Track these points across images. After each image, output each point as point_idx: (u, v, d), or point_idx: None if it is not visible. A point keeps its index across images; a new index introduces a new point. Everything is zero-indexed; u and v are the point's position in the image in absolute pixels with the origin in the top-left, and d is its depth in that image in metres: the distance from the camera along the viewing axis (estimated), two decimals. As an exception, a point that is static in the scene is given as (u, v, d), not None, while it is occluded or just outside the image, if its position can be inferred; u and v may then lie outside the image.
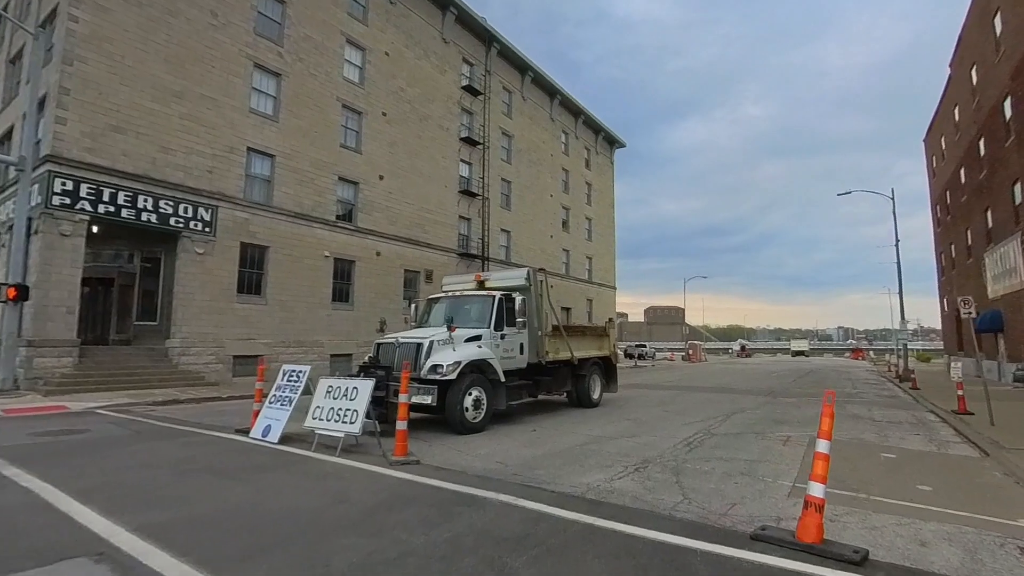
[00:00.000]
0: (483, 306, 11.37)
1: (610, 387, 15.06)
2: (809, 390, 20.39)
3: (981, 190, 25.35)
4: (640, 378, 26.77)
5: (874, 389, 21.62)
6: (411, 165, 27.94)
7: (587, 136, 45.39)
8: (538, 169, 38.59)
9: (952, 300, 33.22)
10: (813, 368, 38.88)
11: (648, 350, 58.43)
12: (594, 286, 45.25)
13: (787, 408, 14.55)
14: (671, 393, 18.44)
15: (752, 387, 21.27)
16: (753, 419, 12.36)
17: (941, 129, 33.08)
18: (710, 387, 21.14)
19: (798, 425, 11.63)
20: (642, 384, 22.48)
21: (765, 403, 15.64)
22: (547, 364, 12.27)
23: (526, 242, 36.50)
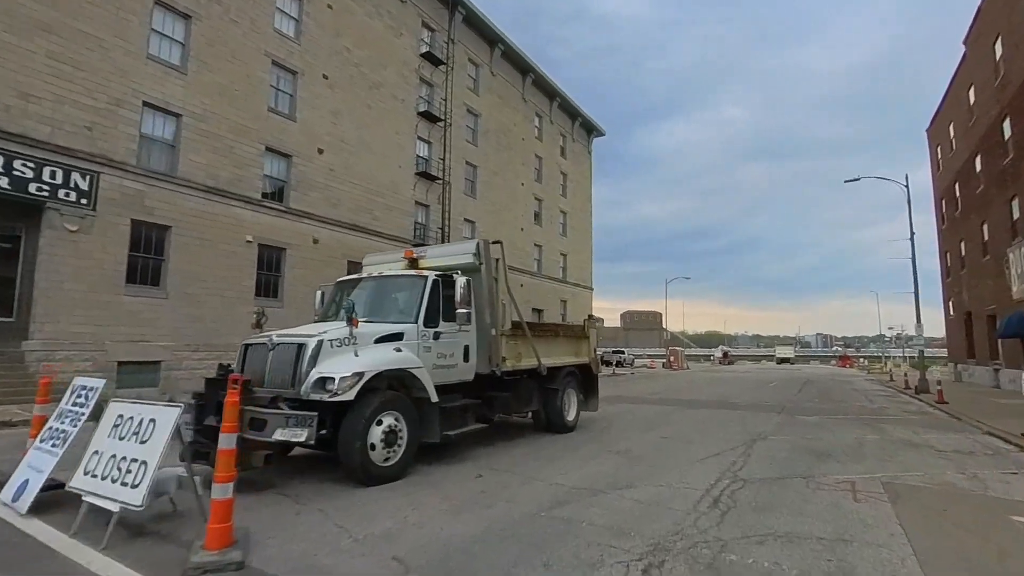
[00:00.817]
0: (410, 292, 8.14)
1: (589, 404, 11.96)
2: (822, 404, 17.65)
3: (1004, 177, 23.09)
4: (620, 389, 23.79)
5: (894, 403, 19.02)
6: (358, 139, 24.56)
7: (563, 121, 42.52)
8: (508, 154, 35.51)
9: (960, 303, 31.15)
10: (808, 377, 36.56)
11: (626, 357, 55.78)
12: (569, 286, 42.30)
13: (814, 431, 11.64)
14: (663, 410, 15.42)
15: (755, 400, 18.44)
16: (784, 450, 9.36)
17: (950, 116, 31.04)
18: (706, 401, 18.23)
19: (849, 459, 8.67)
20: (625, 397, 19.46)
21: (783, 423, 12.72)
22: (505, 375, 9.10)
23: (493, 234, 33.20)
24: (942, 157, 33.39)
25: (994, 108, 23.88)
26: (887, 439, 10.92)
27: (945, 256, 33.21)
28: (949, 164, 31.64)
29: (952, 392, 22.28)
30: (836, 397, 20.81)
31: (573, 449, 9.10)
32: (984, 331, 26.96)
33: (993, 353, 26.30)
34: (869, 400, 19.96)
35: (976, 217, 27.17)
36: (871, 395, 22.59)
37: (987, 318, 26.59)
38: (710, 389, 24.30)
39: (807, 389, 25.14)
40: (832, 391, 24.13)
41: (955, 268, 31.85)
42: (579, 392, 11.36)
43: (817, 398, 20.10)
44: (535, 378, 10.05)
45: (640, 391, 22.57)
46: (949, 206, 32.33)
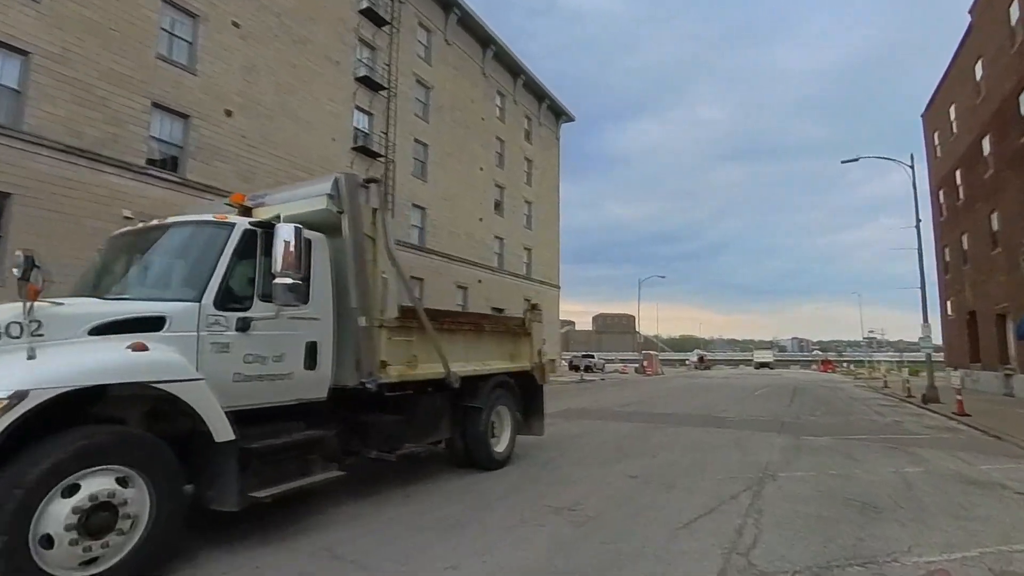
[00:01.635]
0: (198, 251, 4.96)
1: (532, 425, 8.94)
2: (825, 419, 14.96)
3: (1021, 159, 20.88)
4: (587, 399, 20.89)
5: (907, 417, 16.46)
6: (280, 103, 21.22)
7: (528, 102, 39.63)
8: (465, 133, 32.44)
9: (961, 302, 29.08)
10: (795, 384, 34.25)
11: (597, 362, 53.15)
12: (534, 284, 39.37)
13: (835, 461, 8.80)
14: (636, 429, 12.46)
15: (746, 414, 15.67)
16: (809, 500, 6.44)
17: (950, 96, 29.02)
18: (688, 415, 15.38)
19: (911, 518, 5.80)
20: (590, 411, 16.52)
21: (790, 449, 9.87)
22: (389, 390, 6.02)
23: (446, 223, 30.21)
24: (940, 143, 31.40)
25: (1009, 80, 21.69)
26: (937, 474, 8.14)
27: (943, 251, 31.20)
28: (949, 149, 29.61)
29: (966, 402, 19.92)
30: (837, 409, 18.21)
31: (488, 506, 6.02)
32: (992, 332, 24.81)
33: (1003, 357, 24.13)
34: (877, 413, 17.38)
35: (984, 205, 25.02)
36: (874, 405, 20.08)
37: (996, 318, 24.43)
38: (691, 399, 21.54)
39: (800, 398, 22.58)
40: (829, 401, 21.59)
41: (955, 264, 29.80)
42: (515, 410, 8.31)
43: (816, 410, 17.45)
44: (444, 393, 6.97)
45: (609, 402, 19.67)
46: (949, 196, 30.30)
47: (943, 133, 30.67)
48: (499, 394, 7.90)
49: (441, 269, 29.47)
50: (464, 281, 31.33)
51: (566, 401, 19.59)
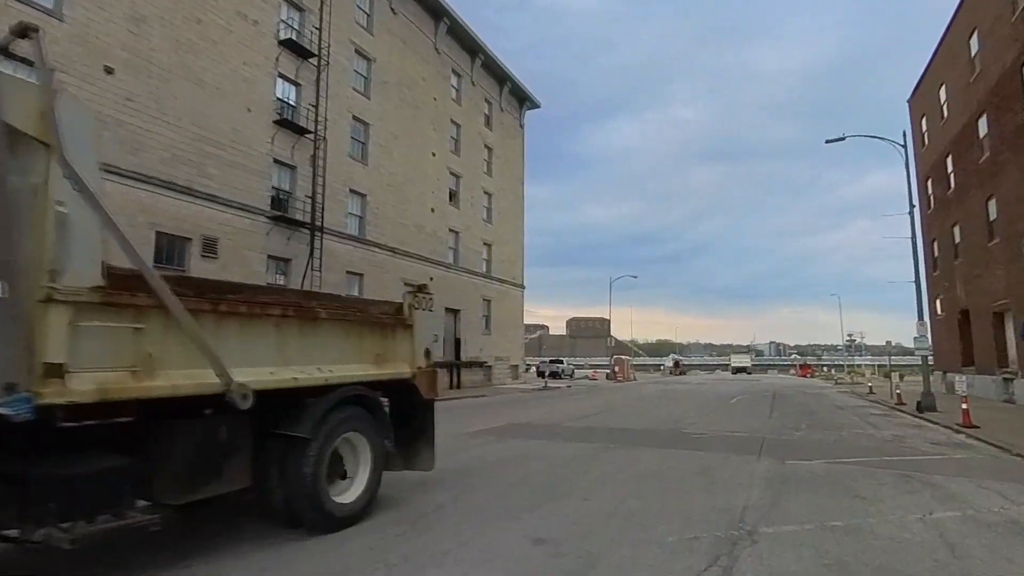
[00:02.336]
0: None
1: (415, 458, 6.42)
2: (814, 434, 12.73)
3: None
4: (540, 411, 18.46)
5: (905, 429, 14.35)
6: (180, 64, 18.42)
7: (488, 84, 37.20)
8: (415, 114, 29.86)
9: (952, 300, 27.39)
10: (775, 390, 32.31)
11: (565, 367, 50.95)
12: (494, 282, 36.88)
13: (837, 502, 6.45)
14: (580, 452, 10.01)
15: (719, 428, 13.36)
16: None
17: (940, 76, 27.39)
18: (652, 430, 13.01)
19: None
20: (535, 425, 14.06)
21: (774, 483, 7.51)
22: (74, 418, 3.44)
23: (391, 212, 27.56)
24: (928, 129, 29.80)
25: (1010, 51, 19.91)
26: (980, 521, 5.86)
27: (932, 245, 29.56)
28: (939, 135, 27.97)
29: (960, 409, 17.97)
30: (825, 420, 16.05)
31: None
32: (988, 332, 23.04)
33: (1001, 359, 22.35)
34: (870, 424, 15.24)
35: (979, 192, 23.27)
36: (864, 415, 18.02)
37: (993, 316, 22.66)
38: (658, 409, 19.25)
39: (780, 407, 20.46)
40: (813, 410, 19.48)
41: (946, 259, 28.14)
42: (381, 438, 5.76)
43: (801, 422, 15.25)
44: (241, 416, 4.40)
45: (563, 414, 17.25)
46: (938, 186, 28.67)
47: (932, 118, 29.05)
48: (348, 415, 5.35)
49: (385, 264, 26.83)
50: (413, 278, 28.67)
51: (514, 413, 17.13)
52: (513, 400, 24.17)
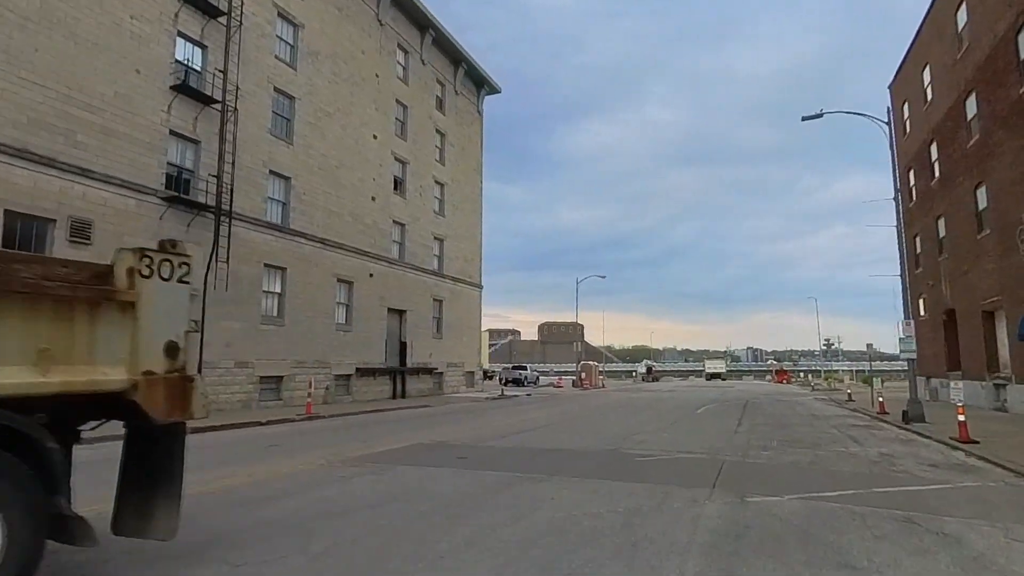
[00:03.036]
0: None
1: (139, 520, 4.02)
2: (787, 454, 10.64)
3: (1021, 114, 17.41)
4: (474, 424, 16.19)
5: (890, 445, 12.36)
6: (42, 12, 15.76)
7: (441, 64, 34.86)
8: (353, 91, 27.39)
9: (936, 299, 25.81)
10: (747, 397, 30.52)
11: (529, 374, 48.71)
12: (447, 281, 34.48)
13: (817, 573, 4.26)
14: (480, 485, 7.72)
15: (672, 446, 11.21)
16: None
17: (925, 55, 25.86)
18: (588, 451, 10.80)
19: None
20: (454, 445, 11.75)
21: (722, 538, 5.31)
22: None
23: (322, 199, 25.02)
24: (911, 115, 28.31)
25: (1003, 20, 18.26)
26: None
27: (914, 241, 28.01)
28: (923, 119, 26.44)
29: (950, 419, 16.12)
30: (800, 435, 14.02)
31: None
32: (977, 333, 21.41)
33: (992, 363, 20.71)
34: (852, 439, 13.24)
35: (967, 180, 21.66)
36: (844, 427, 16.08)
37: (983, 315, 21.02)
38: (611, 422, 17.09)
39: (751, 418, 18.47)
40: (787, 422, 17.50)
41: (929, 255, 26.59)
42: (36, 497, 3.38)
43: (772, 438, 13.18)
44: None
45: (498, 429, 14.97)
46: (921, 176, 27.16)
47: (915, 103, 27.56)
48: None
49: (314, 257, 24.28)
50: (348, 274, 26.21)
51: (440, 429, 14.81)
52: (455, 412, 21.84)
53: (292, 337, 22.92)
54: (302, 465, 8.95)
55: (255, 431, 14.87)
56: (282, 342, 22.49)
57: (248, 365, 20.91)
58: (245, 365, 20.79)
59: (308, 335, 23.68)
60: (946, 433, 13.84)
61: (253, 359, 21.14)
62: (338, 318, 25.78)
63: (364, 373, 26.58)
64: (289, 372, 22.64)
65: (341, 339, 25.58)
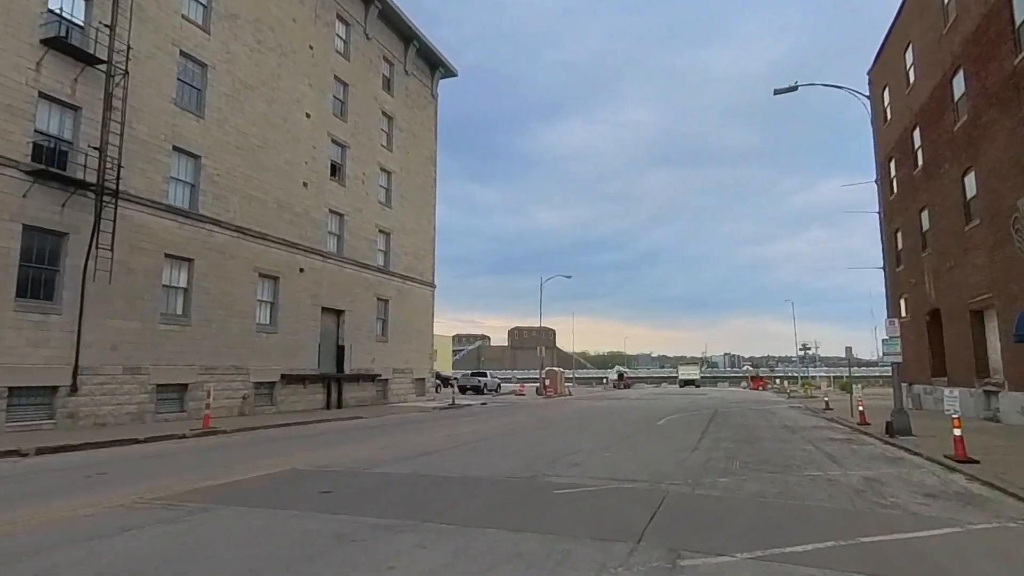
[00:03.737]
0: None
1: None
2: (745, 481, 8.70)
3: (1017, 89, 15.88)
4: (397, 439, 14.06)
5: (879, 466, 10.52)
6: None
7: (388, 40, 32.65)
8: (282, 63, 25.06)
9: (919, 298, 24.37)
10: (718, 406, 28.82)
11: (489, 381, 46.55)
12: (394, 279, 32.21)
13: None
14: (328, 535, 5.58)
15: (610, 474, 9.20)
16: None
17: (907, 34, 24.47)
18: (497, 480, 8.72)
19: None
20: (330, 471, 9.60)
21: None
22: None
23: (241, 182, 22.62)
24: (892, 101, 26.93)
25: (995, -19, 16.77)
26: None
27: (895, 237, 26.60)
28: (904, 105, 25.04)
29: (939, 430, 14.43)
30: (768, 452, 12.14)
31: None
32: (965, 335, 19.91)
33: (981, 368, 19.20)
34: (830, 459, 11.39)
35: (953, 166, 20.18)
36: (821, 443, 14.28)
37: (971, 315, 19.52)
38: (553, 437, 15.08)
39: (716, 430, 16.61)
40: (756, 436, 15.66)
41: (911, 251, 25.17)
42: None
43: (734, 458, 11.26)
44: None
45: (408, 447, 12.81)
46: (902, 166, 25.75)
47: (896, 88, 26.18)
48: None
49: (230, 248, 21.87)
50: (273, 268, 23.82)
51: (341, 448, 12.64)
52: (384, 425, 19.68)
53: (201, 339, 20.47)
54: (92, 507, 6.72)
55: (121, 452, 12.50)
56: (188, 345, 20.03)
57: (141, 371, 18.43)
58: (137, 371, 18.30)
59: (221, 337, 21.25)
60: (938, 449, 12.10)
61: (148, 364, 18.67)
62: (260, 318, 23.36)
63: (291, 380, 24.18)
64: (196, 379, 20.17)
65: (263, 342, 23.16)
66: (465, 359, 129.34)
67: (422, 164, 35.91)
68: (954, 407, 10.63)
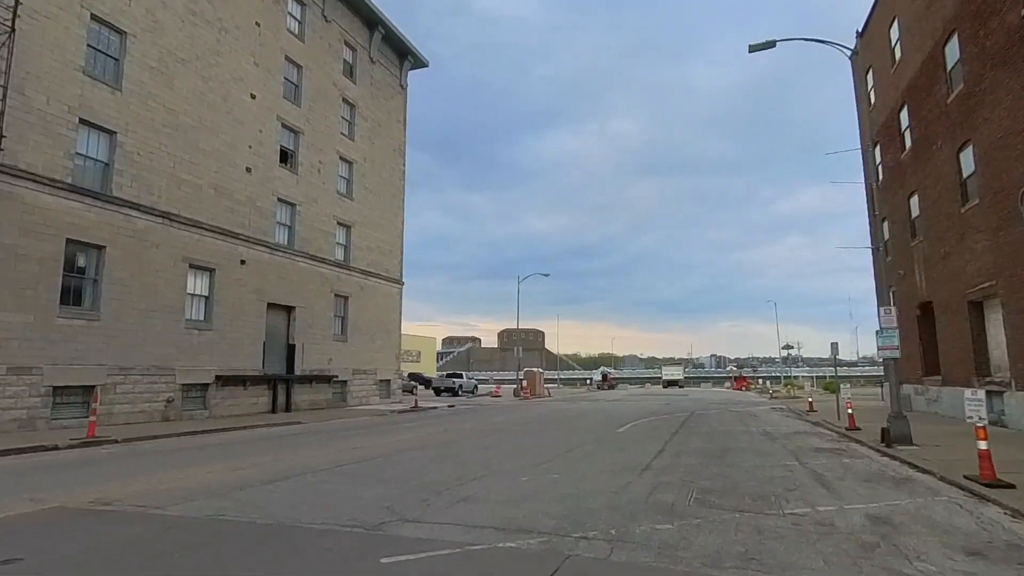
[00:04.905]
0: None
1: None
2: (704, 528, 5.81)
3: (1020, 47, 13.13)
4: (298, 453, 11.16)
5: (882, 489, 7.65)
6: None
7: (350, 24, 29.80)
8: (221, 38, 22.17)
9: (909, 291, 21.57)
10: (695, 407, 26.01)
11: (465, 382, 43.61)
12: (355, 275, 29.25)
13: None
14: None
15: (510, 506, 6.34)
16: None
17: (892, 9, 21.77)
18: (316, 528, 5.82)
19: None
20: (128, 511, 6.65)
21: None
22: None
23: (167, 163, 19.67)
24: (876, 83, 24.20)
25: (999, -78, 14.03)
26: None
27: (882, 226, 23.81)
28: (890, 85, 22.31)
29: (943, 438, 11.61)
30: (741, 472, 9.25)
31: None
32: (962, 329, 17.11)
33: (981, 365, 16.38)
34: (818, 480, 8.51)
35: (947, 143, 17.42)
36: (804, 453, 11.42)
37: (969, 307, 16.72)
38: (474, 452, 12.19)
39: (684, 439, 13.72)
40: (730, 443, 12.76)
41: (899, 241, 22.40)
42: None
43: (695, 482, 8.37)
44: None
45: (274, 466, 9.90)
46: (889, 151, 22.99)
47: (880, 68, 23.44)
48: None
49: (152, 235, 18.93)
50: (208, 258, 20.86)
51: (213, 463, 9.72)
52: (312, 432, 16.79)
53: (113, 336, 17.50)
54: None
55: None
56: (96, 342, 17.05)
57: (31, 371, 15.43)
58: (26, 371, 15.30)
59: (140, 334, 18.26)
60: (950, 464, 9.28)
61: (42, 363, 15.68)
62: (192, 313, 20.38)
63: (229, 382, 21.19)
64: (107, 381, 17.19)
65: (195, 340, 20.18)
66: (455, 360, 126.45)
67: (389, 156, 32.99)
68: (979, 413, 7.83)
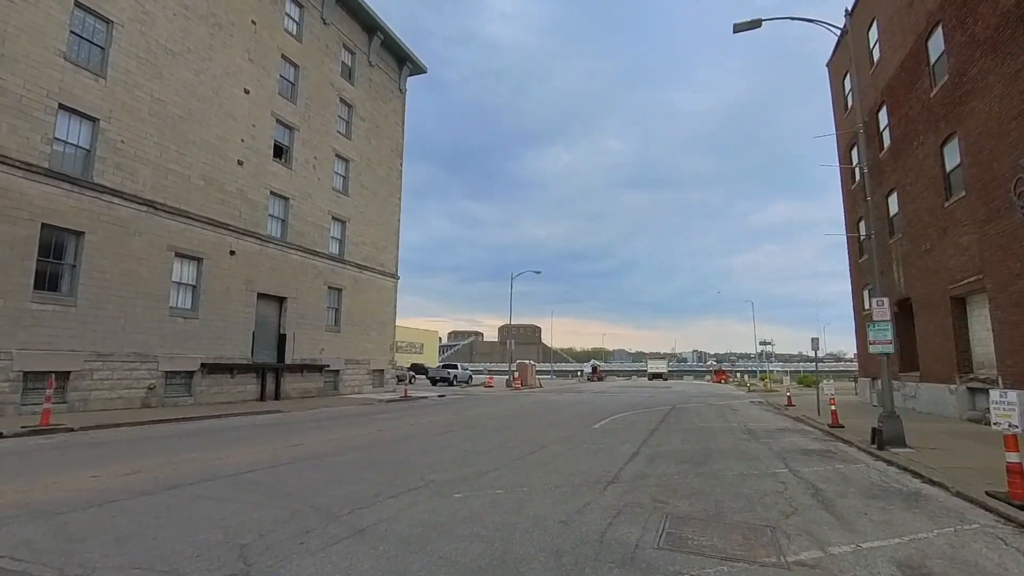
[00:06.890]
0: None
1: None
2: (685, 555, 4.15)
3: (1016, 30, 11.47)
4: (241, 448, 9.51)
5: (895, 519, 5.99)
6: None
7: (349, 28, 28.19)
8: (215, 33, 20.56)
9: (884, 290, 19.87)
10: (676, 400, 24.32)
11: (460, 373, 41.96)
12: (348, 268, 27.62)
13: None
14: None
15: (395, 554, 4.72)
16: None
17: (871, 12, 20.08)
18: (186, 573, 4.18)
19: None
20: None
21: None
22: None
23: (153, 152, 18.07)
24: (854, 87, 22.47)
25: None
26: None
27: (857, 226, 22.15)
28: (869, 86, 20.64)
29: (935, 439, 9.91)
30: (722, 487, 7.61)
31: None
32: (943, 326, 15.41)
33: (963, 363, 14.66)
34: (810, 487, 6.87)
35: (929, 137, 15.75)
36: (789, 454, 9.74)
37: (951, 303, 15.02)
38: (463, 442, 10.55)
39: (663, 437, 12.07)
40: (711, 445, 11.08)
41: (878, 237, 20.66)
42: None
43: (667, 500, 6.73)
44: None
45: (187, 468, 8.26)
46: (867, 150, 21.28)
47: (859, 71, 21.74)
48: None
49: (136, 223, 17.32)
50: (195, 248, 19.25)
51: (143, 459, 8.06)
52: (287, 423, 15.17)
53: (91, 322, 15.89)
54: None
55: None
56: (73, 328, 15.45)
57: (1, 356, 13.85)
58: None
59: (120, 320, 16.65)
60: (957, 472, 7.67)
61: (13, 348, 14.08)
62: (177, 301, 18.76)
63: (216, 370, 19.56)
64: (83, 367, 15.59)
65: (180, 328, 18.56)
66: (459, 353, 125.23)
67: (386, 156, 31.34)
68: (1010, 419, 6.16)
